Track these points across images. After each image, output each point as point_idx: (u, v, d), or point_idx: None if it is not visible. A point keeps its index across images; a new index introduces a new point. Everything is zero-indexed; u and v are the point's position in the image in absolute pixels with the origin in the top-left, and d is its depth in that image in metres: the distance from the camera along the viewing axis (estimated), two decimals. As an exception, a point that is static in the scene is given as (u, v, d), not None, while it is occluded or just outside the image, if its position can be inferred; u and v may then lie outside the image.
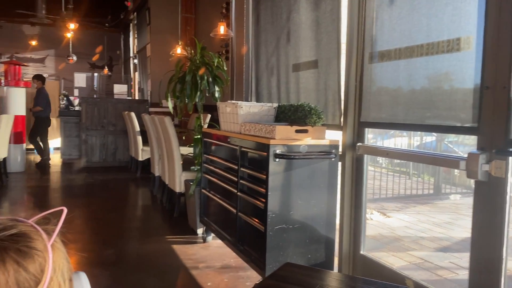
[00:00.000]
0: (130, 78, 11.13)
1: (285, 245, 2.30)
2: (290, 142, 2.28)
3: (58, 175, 6.91)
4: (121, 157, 7.50)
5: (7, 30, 10.47)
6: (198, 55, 3.41)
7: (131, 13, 9.87)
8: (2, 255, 0.54)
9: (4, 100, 6.39)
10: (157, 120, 4.52)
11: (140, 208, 4.96)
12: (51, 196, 5.34)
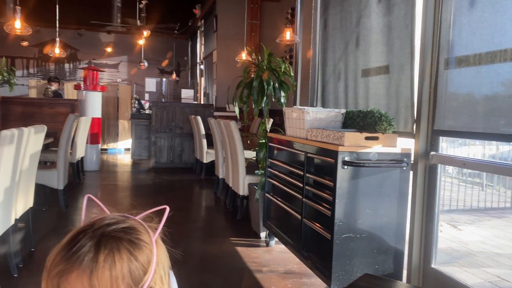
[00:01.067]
0: (196, 83, 11.52)
1: (352, 254, 2.26)
2: (359, 149, 2.24)
3: (129, 174, 7.30)
4: (187, 159, 7.77)
5: (86, 38, 11.27)
6: (265, 61, 3.45)
7: (199, 20, 10.22)
8: (118, 244, 0.60)
9: (83, 103, 6.88)
10: (222, 124, 4.64)
11: (204, 209, 5.11)
12: (122, 194, 5.66)
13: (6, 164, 2.36)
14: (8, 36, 10.24)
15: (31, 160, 2.89)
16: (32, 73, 11.18)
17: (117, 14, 9.51)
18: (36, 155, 3.02)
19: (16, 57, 10.99)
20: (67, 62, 11.38)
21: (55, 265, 0.60)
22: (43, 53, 11.07)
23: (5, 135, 2.31)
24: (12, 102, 6.27)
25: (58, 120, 6.31)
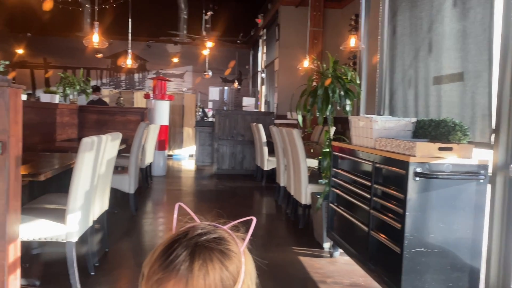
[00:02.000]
0: (257, 91, 11.66)
1: (423, 269, 2.16)
2: (432, 160, 2.14)
3: (193, 180, 7.54)
4: (248, 166, 7.87)
5: (154, 49, 11.85)
6: (331, 68, 3.42)
7: (261, 29, 10.38)
8: (210, 254, 0.63)
9: (152, 111, 7.22)
10: (284, 132, 4.65)
11: (266, 216, 5.13)
12: (187, 199, 5.85)
13: (86, 169, 2.54)
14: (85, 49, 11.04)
15: (108, 165, 3.09)
16: (105, 83, 11.94)
17: (184, 26, 9.91)
18: (112, 161, 3.22)
19: (91, 68, 11.79)
20: (136, 72, 12.03)
21: (153, 273, 0.63)
22: (116, 64, 11.79)
23: (86, 142, 2.49)
24: (88, 110, 6.71)
25: (128, 128, 6.67)
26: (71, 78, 6.36)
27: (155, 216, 4.79)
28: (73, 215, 2.46)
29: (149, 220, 4.52)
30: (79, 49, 11.23)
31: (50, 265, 2.97)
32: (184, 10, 9.84)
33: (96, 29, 5.05)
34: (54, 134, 5.59)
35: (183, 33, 9.94)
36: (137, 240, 3.82)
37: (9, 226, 1.98)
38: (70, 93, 6.51)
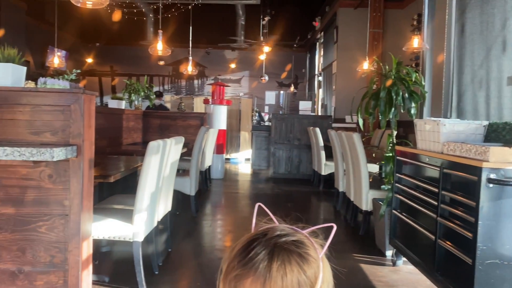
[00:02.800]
0: (314, 95, 11.57)
1: (498, 283, 2.02)
2: (507, 165, 2.00)
3: (249, 183, 7.61)
4: (304, 170, 7.81)
5: (213, 56, 12.15)
6: (394, 70, 3.31)
7: (318, 32, 10.29)
8: (289, 256, 0.63)
9: (210, 116, 7.40)
10: (344, 136, 4.56)
11: (324, 222, 5.05)
12: (244, 202, 5.91)
13: (153, 171, 2.65)
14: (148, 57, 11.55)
15: (171, 168, 3.20)
16: (167, 89, 12.41)
17: (241, 32, 10.07)
18: (175, 164, 3.33)
19: (153, 75, 12.30)
20: (196, 79, 12.39)
21: (232, 269, 0.65)
22: (177, 71, 12.22)
23: (152, 146, 2.59)
24: (151, 115, 7.00)
25: (189, 132, 6.87)
26: (136, 85, 6.67)
27: (214, 218, 4.88)
28: (139, 216, 2.57)
29: (209, 222, 4.62)
30: (143, 57, 11.78)
31: (118, 263, 3.12)
32: (242, 16, 9.99)
33: (160, 37, 5.26)
34: (121, 138, 5.88)
35: (240, 39, 10.10)
36: (197, 241, 3.92)
37: (83, 225, 2.11)
38: (135, 99, 6.82)
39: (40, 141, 2.09)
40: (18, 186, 2.09)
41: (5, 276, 2.09)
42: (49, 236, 2.09)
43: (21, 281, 2.09)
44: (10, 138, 2.09)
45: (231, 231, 4.33)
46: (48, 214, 2.09)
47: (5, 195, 2.08)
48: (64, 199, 2.09)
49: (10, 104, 2.08)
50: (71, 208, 2.08)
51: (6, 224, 2.08)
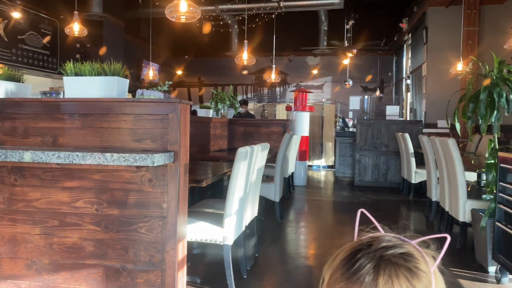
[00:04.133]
0: (402, 99, 11.06)
1: None
2: None
3: (333, 191, 7.47)
4: (392, 178, 7.47)
5: (295, 62, 12.19)
6: (495, 70, 3.04)
7: (405, 34, 9.85)
8: (396, 271, 0.59)
9: (293, 123, 7.41)
10: (437, 142, 4.29)
11: (414, 233, 4.77)
12: (328, 210, 5.82)
13: (241, 176, 2.71)
14: (233, 67, 11.94)
15: (258, 174, 3.25)
16: (250, 97, 12.70)
17: (324, 38, 9.98)
18: (261, 170, 3.38)
19: (237, 84, 12.68)
20: (278, 86, 12.52)
21: (336, 280, 0.62)
22: (259, 80, 12.47)
23: (241, 152, 2.66)
24: (236, 123, 7.20)
25: (272, 139, 6.95)
26: (222, 94, 6.92)
27: (298, 225, 4.86)
28: (229, 220, 2.65)
29: (293, 229, 4.61)
30: (227, 67, 12.22)
31: (208, 265, 3.24)
32: (324, 22, 9.91)
33: (245, 47, 5.41)
34: (208, 144, 6.14)
35: (323, 45, 10.02)
36: (283, 247, 3.93)
37: (179, 227, 2.22)
38: (221, 108, 7.08)
39: (141, 147, 2.26)
40: (122, 190, 2.27)
41: (110, 272, 2.27)
42: (148, 237, 2.24)
43: (124, 277, 2.26)
44: (116, 145, 2.28)
45: (316, 239, 4.27)
46: (148, 216, 2.24)
47: (111, 197, 2.27)
48: (162, 202, 2.22)
49: (116, 114, 2.28)
50: (169, 210, 2.21)
51: (112, 224, 2.27)
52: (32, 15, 7.21)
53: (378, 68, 11.86)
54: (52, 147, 2.31)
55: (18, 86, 2.64)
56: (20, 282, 2.36)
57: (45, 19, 7.54)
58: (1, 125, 2.37)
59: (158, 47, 10.94)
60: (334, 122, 10.17)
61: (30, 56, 7.27)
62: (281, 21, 8.86)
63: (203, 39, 10.69)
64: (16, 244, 2.36)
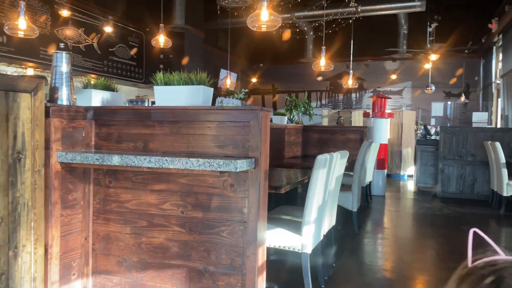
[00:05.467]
0: (491, 105, 10.25)
1: None
2: None
3: (413, 202, 7.09)
4: (480, 190, 6.93)
5: (372, 68, 11.85)
6: None
7: (495, 35, 9.14)
8: None
9: (371, 130, 7.19)
10: (536, 152, 3.90)
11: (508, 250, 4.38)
12: (408, 222, 5.54)
13: (320, 184, 2.68)
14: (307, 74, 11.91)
15: (336, 182, 3.19)
16: (324, 103, 12.57)
17: (403, 41, 9.60)
18: (340, 178, 3.32)
19: (311, 91, 12.61)
20: (354, 92, 12.25)
21: None
22: (334, 86, 12.30)
23: (320, 159, 2.63)
24: (311, 130, 7.16)
25: (348, 146, 6.79)
26: (297, 101, 6.92)
27: (377, 236, 4.68)
28: (308, 228, 2.62)
29: (371, 240, 4.45)
30: (301, 74, 12.22)
31: (285, 272, 3.24)
32: (404, 25, 9.53)
33: (323, 53, 5.37)
34: (283, 151, 6.16)
35: (403, 49, 9.62)
36: (361, 258, 3.80)
37: (259, 232, 2.25)
38: (296, 114, 7.08)
39: (223, 153, 2.33)
40: (206, 193, 2.35)
41: (194, 274, 2.36)
42: (229, 241, 2.29)
43: (206, 279, 2.33)
44: (200, 150, 2.37)
45: (396, 252, 4.08)
46: (230, 220, 2.29)
47: (196, 200, 2.36)
48: (243, 207, 2.26)
49: (201, 121, 2.37)
50: (249, 215, 2.24)
51: (196, 227, 2.36)
52: (121, 28, 7.79)
53: (463, 72, 11.12)
54: (143, 152, 2.46)
55: (113, 95, 2.86)
56: (112, 278, 2.54)
57: (132, 32, 8.11)
58: (98, 131, 2.58)
59: (235, 56, 11.26)
60: (414, 129, 9.69)
61: (119, 67, 7.86)
62: (358, 25, 8.68)
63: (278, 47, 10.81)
64: (109, 241, 2.55)
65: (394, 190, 8.14)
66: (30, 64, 6.19)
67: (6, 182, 2.06)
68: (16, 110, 2.09)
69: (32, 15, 5.82)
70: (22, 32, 3.78)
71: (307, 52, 10.40)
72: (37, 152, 2.20)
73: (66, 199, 2.42)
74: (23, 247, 2.16)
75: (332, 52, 8.58)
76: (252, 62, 12.82)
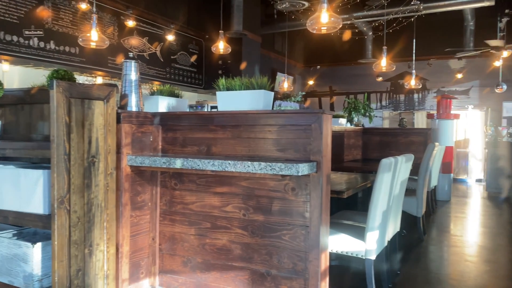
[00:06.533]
0: None
1: None
2: None
3: (482, 208, 6.66)
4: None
5: (436, 67, 11.31)
6: None
7: None
8: None
9: (435, 132, 6.86)
10: None
11: None
12: (477, 230, 5.20)
13: (384, 189, 2.60)
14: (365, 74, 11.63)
15: (401, 186, 3.08)
16: (385, 105, 12.17)
17: (470, 38, 9.08)
18: (404, 182, 3.19)
19: (371, 92, 12.27)
20: (416, 93, 11.76)
21: None
22: (395, 86, 11.89)
23: (385, 163, 2.55)
24: (371, 132, 6.97)
25: (411, 149, 6.53)
26: (357, 102, 6.77)
27: (443, 244, 4.45)
28: (372, 234, 2.55)
29: (437, 247, 4.24)
30: (359, 75, 11.94)
31: (347, 278, 3.17)
32: (471, 21, 9.01)
33: (384, 53, 5.22)
34: (342, 155, 6.05)
35: (469, 46, 9.10)
36: (427, 266, 3.63)
37: (321, 237, 2.22)
38: (355, 117, 6.92)
39: (284, 157, 2.33)
40: (267, 197, 2.36)
41: (256, 276, 2.38)
42: (291, 245, 2.28)
43: (268, 282, 2.34)
44: (262, 154, 2.39)
45: (465, 262, 3.85)
46: (291, 224, 2.29)
47: (257, 204, 2.39)
48: (305, 211, 2.25)
49: (262, 125, 2.39)
50: (311, 220, 2.23)
51: (258, 230, 2.38)
52: (182, 36, 8.07)
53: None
54: (206, 155, 2.53)
55: (178, 101, 2.96)
56: (178, 277, 2.63)
57: (193, 39, 8.38)
58: (165, 136, 2.68)
59: (291, 59, 11.26)
60: (483, 131, 9.12)
61: (180, 74, 8.14)
62: (421, 23, 8.33)
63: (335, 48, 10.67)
64: (175, 242, 2.64)
65: (461, 195, 7.70)
66: (99, 72, 6.58)
67: (82, 184, 2.20)
68: (91, 117, 2.23)
69: (101, 27, 6.20)
70: (94, 43, 4.03)
71: (366, 52, 10.16)
72: (110, 156, 2.33)
73: (135, 200, 2.55)
74: (97, 246, 2.30)
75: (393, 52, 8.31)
76: (309, 64, 12.74)
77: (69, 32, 5.81)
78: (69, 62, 5.86)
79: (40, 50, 5.44)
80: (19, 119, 2.86)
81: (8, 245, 2.34)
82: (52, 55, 5.60)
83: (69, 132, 2.12)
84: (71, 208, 2.15)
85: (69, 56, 5.84)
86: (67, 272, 2.15)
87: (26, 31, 5.22)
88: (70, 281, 2.16)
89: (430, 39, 10.06)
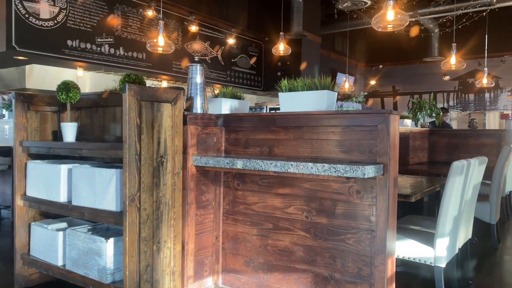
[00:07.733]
0: None
1: None
2: None
3: None
4: None
5: (509, 63, 10.55)
6: None
7: None
8: None
9: (510, 133, 6.38)
10: None
11: None
12: None
13: (456, 193, 2.46)
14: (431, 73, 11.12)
15: (473, 191, 2.89)
16: (452, 105, 11.55)
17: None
18: (477, 187, 3.00)
19: (437, 92, 11.71)
20: (487, 92, 11.03)
21: None
22: (463, 85, 11.24)
23: (456, 166, 2.41)
24: (438, 134, 6.62)
25: (482, 152, 6.13)
26: (422, 102, 6.48)
27: None
28: (442, 240, 2.42)
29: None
30: (425, 73, 11.44)
31: (414, 285, 3.03)
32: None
33: (453, 51, 4.95)
34: (407, 157, 5.81)
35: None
36: (501, 278, 3.38)
37: (388, 242, 2.14)
38: (421, 117, 6.62)
39: (349, 159, 2.27)
40: (330, 199, 2.32)
41: (319, 279, 2.35)
42: (356, 249, 2.22)
43: (332, 286, 2.30)
44: (324, 155, 2.36)
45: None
46: (356, 228, 2.23)
47: (320, 206, 2.35)
48: (370, 215, 2.18)
49: (325, 126, 2.36)
50: (377, 224, 2.15)
51: (321, 233, 2.34)
52: (242, 39, 8.19)
53: None
54: (268, 156, 2.54)
55: (240, 103, 3.00)
56: (240, 277, 2.66)
57: (252, 42, 8.47)
58: (228, 137, 2.73)
59: (352, 59, 11.02)
60: None
61: (240, 76, 8.27)
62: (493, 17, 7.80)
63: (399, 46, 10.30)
64: (238, 242, 2.67)
65: (540, 202, 7.09)
66: (164, 77, 6.86)
67: (151, 183, 2.30)
68: (160, 119, 2.32)
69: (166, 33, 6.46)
70: (161, 48, 4.21)
71: (432, 50, 9.70)
72: (177, 156, 2.42)
73: (199, 199, 2.61)
74: (164, 243, 2.39)
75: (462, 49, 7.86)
76: (371, 64, 12.41)
77: (136, 39, 6.11)
78: (137, 67, 6.16)
79: (110, 56, 5.77)
80: (94, 121, 3.05)
81: (84, 239, 2.49)
82: (121, 61, 5.93)
83: (140, 133, 2.22)
84: (141, 206, 2.25)
85: (136, 61, 6.14)
86: (137, 267, 2.25)
87: (98, 38, 5.57)
88: (139, 275, 2.27)
89: (504, 34, 9.40)
